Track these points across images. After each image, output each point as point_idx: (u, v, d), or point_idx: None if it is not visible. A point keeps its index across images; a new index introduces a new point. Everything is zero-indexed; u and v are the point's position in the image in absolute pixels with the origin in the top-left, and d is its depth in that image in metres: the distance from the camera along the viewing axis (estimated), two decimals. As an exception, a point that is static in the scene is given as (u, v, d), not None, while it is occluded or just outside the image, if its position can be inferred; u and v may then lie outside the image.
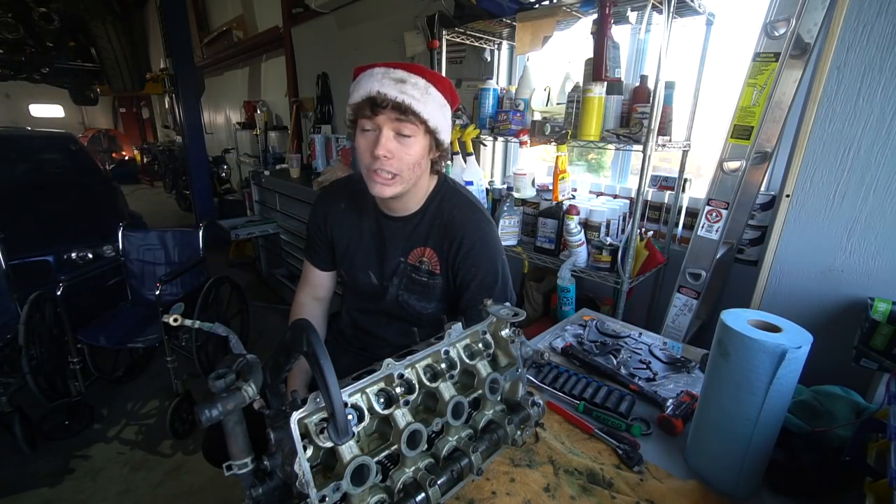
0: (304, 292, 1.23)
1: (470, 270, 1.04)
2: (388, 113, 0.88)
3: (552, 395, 0.95)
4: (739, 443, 0.68)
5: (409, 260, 1.08)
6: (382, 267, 1.11)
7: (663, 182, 1.77)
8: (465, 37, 1.98)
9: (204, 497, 1.77)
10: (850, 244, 1.29)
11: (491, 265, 1.05)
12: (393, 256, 1.09)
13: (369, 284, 1.13)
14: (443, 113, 0.95)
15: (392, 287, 1.10)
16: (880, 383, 1.16)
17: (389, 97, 0.86)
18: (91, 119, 12.27)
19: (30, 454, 1.94)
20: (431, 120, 0.91)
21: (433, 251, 1.06)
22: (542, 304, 1.97)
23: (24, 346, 1.81)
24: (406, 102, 0.87)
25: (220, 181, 6.08)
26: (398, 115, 0.88)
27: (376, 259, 1.11)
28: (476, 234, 1.03)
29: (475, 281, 1.04)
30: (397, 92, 0.87)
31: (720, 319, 0.69)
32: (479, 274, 1.04)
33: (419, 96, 0.89)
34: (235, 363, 0.57)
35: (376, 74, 0.89)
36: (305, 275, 1.23)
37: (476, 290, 1.04)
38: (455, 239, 1.03)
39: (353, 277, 1.15)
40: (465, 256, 1.03)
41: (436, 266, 1.07)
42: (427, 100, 0.90)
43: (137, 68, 5.77)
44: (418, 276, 1.08)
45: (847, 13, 1.17)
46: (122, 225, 2.44)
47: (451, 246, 1.04)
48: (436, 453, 0.65)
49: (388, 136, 0.90)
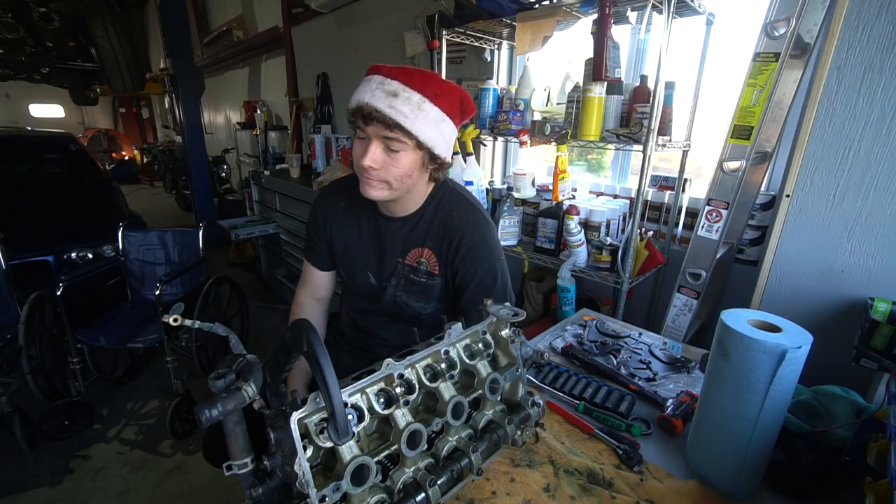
0: (304, 292, 1.23)
1: (469, 271, 1.04)
2: (377, 125, 0.86)
3: (552, 395, 0.95)
4: (739, 443, 0.68)
5: (407, 261, 1.08)
6: (381, 267, 1.11)
7: (663, 182, 1.77)
8: (465, 37, 1.98)
9: (204, 497, 1.77)
10: (850, 244, 1.29)
11: (490, 266, 1.05)
12: (391, 257, 1.09)
13: (368, 285, 1.13)
14: (439, 128, 0.91)
15: (390, 287, 1.10)
16: (880, 383, 1.16)
17: (378, 111, 0.84)
18: (91, 119, 12.27)
19: (30, 454, 1.94)
20: (423, 136, 0.88)
21: (431, 252, 1.06)
22: (542, 304, 1.97)
23: (24, 346, 1.82)
24: (393, 119, 0.85)
25: (220, 181, 6.09)
26: (386, 129, 0.86)
27: (375, 259, 1.11)
28: (475, 234, 1.03)
29: (474, 281, 1.04)
30: (386, 107, 0.84)
31: (720, 319, 0.69)
32: (477, 274, 1.04)
33: (409, 112, 0.86)
34: (235, 363, 0.57)
35: (372, 83, 0.87)
36: (305, 275, 1.22)
37: (475, 290, 1.04)
38: (454, 239, 1.03)
39: (351, 277, 1.15)
40: (464, 257, 1.03)
41: (434, 267, 1.06)
42: (419, 116, 0.87)
43: (137, 68, 5.77)
44: (417, 276, 1.08)
45: (847, 13, 1.17)
46: (122, 225, 2.43)
47: (449, 246, 1.04)
48: (436, 453, 0.65)
49: (377, 147, 0.89)
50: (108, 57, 5.41)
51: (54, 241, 2.67)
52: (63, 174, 3.75)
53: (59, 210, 3.08)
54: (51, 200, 3.19)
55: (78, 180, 3.67)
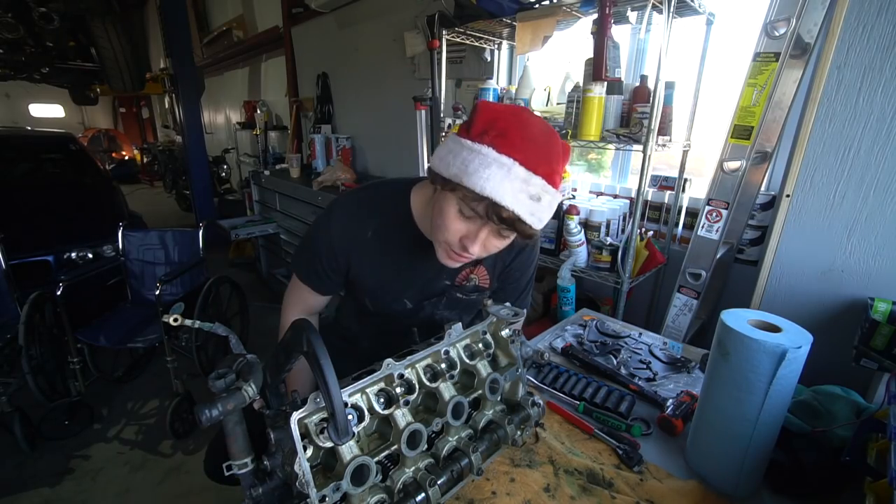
0: (297, 311, 1.07)
1: (513, 275, 1.04)
2: (505, 227, 0.71)
3: (552, 396, 0.95)
4: (739, 443, 0.68)
5: (457, 282, 0.99)
6: (421, 292, 0.99)
7: (663, 182, 1.77)
8: (465, 37, 1.98)
9: (204, 497, 1.77)
10: (850, 244, 1.29)
11: (530, 270, 1.06)
12: (437, 281, 0.98)
13: (402, 311, 1.01)
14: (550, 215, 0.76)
15: (429, 306, 1.01)
16: (880, 383, 1.16)
17: (521, 221, 0.68)
18: (91, 119, 12.27)
19: (30, 454, 1.94)
20: (537, 229, 0.74)
21: (484, 268, 1.00)
22: (542, 304, 1.97)
23: (24, 346, 1.81)
24: (533, 230, 0.71)
25: (220, 181, 6.09)
26: (512, 232, 0.73)
27: (413, 285, 0.98)
28: (527, 242, 0.95)
29: (513, 284, 1.05)
30: (528, 214, 0.68)
31: (720, 319, 0.69)
32: (522, 278, 1.05)
33: (546, 215, 0.72)
34: (235, 363, 0.57)
35: (513, 177, 0.67)
36: (300, 296, 1.04)
37: (511, 291, 1.05)
38: (507, 251, 0.93)
39: (381, 305, 1.02)
40: (513, 262, 1.02)
41: (485, 280, 1.01)
42: (548, 215, 0.73)
43: (137, 68, 5.77)
44: (464, 294, 1.01)
45: (847, 13, 1.17)
46: (122, 225, 2.43)
47: (503, 258, 1.00)
48: (436, 453, 0.65)
49: (489, 237, 0.76)
50: (108, 57, 5.41)
51: (54, 241, 2.66)
52: (63, 174, 3.74)
53: (59, 210, 3.08)
54: (51, 200, 3.19)
55: (78, 180, 3.66)
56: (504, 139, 0.68)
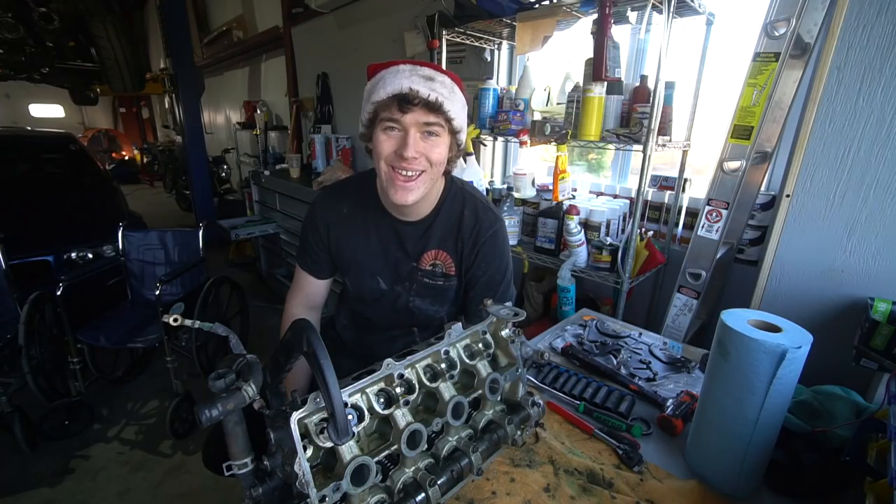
0: (297, 301, 1.17)
1: (480, 267, 1.05)
2: (418, 112, 0.85)
3: (552, 396, 0.95)
4: (739, 443, 0.68)
5: (422, 265, 1.06)
6: (393, 272, 1.07)
7: (663, 182, 1.77)
8: (465, 37, 1.98)
9: (204, 497, 1.77)
10: (850, 244, 1.29)
11: (500, 263, 1.06)
12: (405, 261, 1.06)
13: (378, 290, 1.09)
14: (464, 113, 0.94)
15: (404, 293, 1.08)
16: (880, 383, 1.16)
17: (421, 94, 0.83)
18: (91, 119, 12.27)
19: (30, 454, 1.94)
20: (457, 119, 0.90)
21: (447, 254, 1.05)
22: (542, 304, 1.97)
23: (24, 346, 1.81)
24: (438, 100, 0.84)
25: (220, 181, 6.08)
26: (427, 114, 0.86)
27: (386, 264, 1.07)
28: (488, 231, 1.04)
29: (483, 278, 1.05)
30: (428, 90, 0.84)
31: (720, 319, 0.69)
32: (488, 271, 1.05)
33: (447, 94, 0.87)
34: (235, 363, 0.57)
35: (404, 71, 0.86)
36: (298, 282, 1.16)
37: (484, 287, 1.06)
38: (468, 238, 1.03)
39: (359, 284, 1.10)
40: (478, 254, 1.04)
41: (450, 268, 1.06)
42: (454, 98, 0.89)
43: (137, 68, 5.76)
44: (433, 280, 1.06)
45: (847, 13, 1.17)
46: (122, 225, 2.43)
47: (464, 246, 1.04)
48: (436, 453, 0.65)
49: (416, 135, 0.88)
50: (108, 57, 5.41)
51: (54, 241, 2.67)
52: (63, 174, 3.74)
53: (59, 210, 3.08)
54: (51, 200, 3.19)
55: (78, 180, 3.67)
56: (390, 62, 0.89)
